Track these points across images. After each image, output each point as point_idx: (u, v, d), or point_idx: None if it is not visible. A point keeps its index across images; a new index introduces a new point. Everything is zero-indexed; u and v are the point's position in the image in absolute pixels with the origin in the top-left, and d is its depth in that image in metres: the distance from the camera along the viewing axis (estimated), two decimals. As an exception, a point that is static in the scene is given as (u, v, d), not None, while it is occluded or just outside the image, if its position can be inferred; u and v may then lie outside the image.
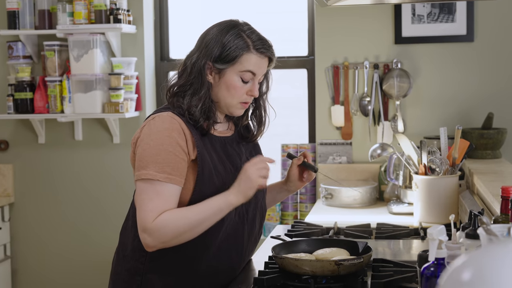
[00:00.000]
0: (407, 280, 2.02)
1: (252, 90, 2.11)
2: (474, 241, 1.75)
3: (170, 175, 1.98)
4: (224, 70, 2.08)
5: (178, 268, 2.09)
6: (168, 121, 2.03)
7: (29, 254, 4.29)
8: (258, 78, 2.12)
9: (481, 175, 2.98)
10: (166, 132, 2.01)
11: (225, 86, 2.09)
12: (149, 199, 1.96)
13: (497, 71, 3.74)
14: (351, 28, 3.85)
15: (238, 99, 2.11)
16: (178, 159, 1.99)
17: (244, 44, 2.08)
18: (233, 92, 2.09)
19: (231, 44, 2.07)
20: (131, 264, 2.11)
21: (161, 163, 1.98)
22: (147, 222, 1.95)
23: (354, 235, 2.66)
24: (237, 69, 2.08)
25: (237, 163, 2.15)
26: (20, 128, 4.25)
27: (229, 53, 2.07)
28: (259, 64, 2.10)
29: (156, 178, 1.97)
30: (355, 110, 3.85)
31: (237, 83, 2.09)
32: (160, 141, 2.00)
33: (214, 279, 2.12)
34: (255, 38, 2.10)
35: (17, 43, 4.07)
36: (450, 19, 3.74)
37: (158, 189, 1.97)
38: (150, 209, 1.95)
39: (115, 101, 3.93)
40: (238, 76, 2.09)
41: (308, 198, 3.94)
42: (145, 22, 4.12)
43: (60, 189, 4.23)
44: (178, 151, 2.00)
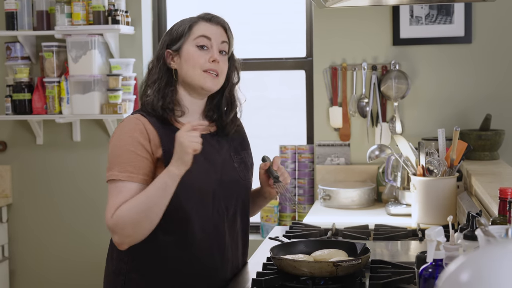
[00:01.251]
0: (405, 281, 2.02)
1: (212, 56, 2.13)
2: (472, 243, 1.75)
3: (131, 173, 2.03)
4: (181, 48, 2.14)
5: (160, 268, 2.10)
6: (133, 122, 2.09)
7: (27, 255, 4.29)
8: (216, 44, 2.15)
9: (479, 176, 2.98)
10: (129, 133, 2.07)
11: (185, 60, 2.14)
12: (111, 198, 2.03)
13: (495, 73, 3.75)
14: (349, 29, 3.86)
15: (200, 67, 2.13)
16: (139, 158, 2.04)
17: (190, 19, 2.18)
18: (192, 62, 2.13)
19: (178, 24, 2.18)
20: (116, 264, 2.15)
21: (124, 163, 2.04)
22: (107, 220, 2.01)
23: (352, 236, 2.66)
24: (191, 39, 2.14)
25: (214, 159, 2.13)
26: (18, 129, 4.24)
27: (178, 31, 2.15)
28: (211, 30, 2.16)
29: (118, 178, 2.03)
30: (353, 112, 3.85)
31: (194, 52, 2.13)
32: (123, 142, 2.06)
33: (196, 278, 2.11)
34: (201, 14, 2.19)
35: (15, 44, 4.07)
36: (448, 20, 3.74)
37: (120, 188, 2.03)
38: (110, 206, 2.01)
39: (113, 102, 3.93)
40: (193, 46, 2.14)
41: (306, 199, 3.94)
42: (144, 23, 4.12)
43: (58, 190, 4.23)
44: (139, 149, 2.05)
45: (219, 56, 2.15)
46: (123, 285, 2.12)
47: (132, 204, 1.99)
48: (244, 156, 2.26)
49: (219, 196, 2.13)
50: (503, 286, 0.87)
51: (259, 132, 4.30)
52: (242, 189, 2.21)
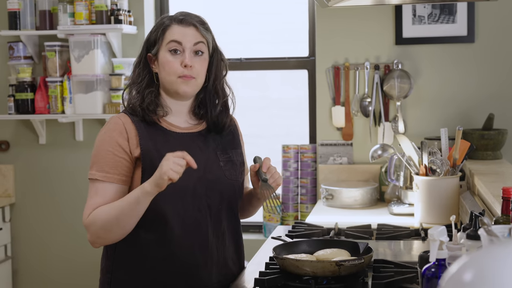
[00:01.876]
0: (407, 281, 2.02)
1: (183, 61, 2.13)
2: (475, 242, 1.75)
3: (107, 173, 2.08)
4: (158, 52, 2.16)
5: (142, 265, 2.11)
6: (113, 122, 2.13)
7: (29, 255, 4.29)
8: (188, 47, 2.14)
9: (481, 176, 2.98)
10: (108, 132, 2.11)
11: (161, 65, 2.16)
12: (89, 198, 2.09)
13: (497, 72, 3.74)
14: (351, 28, 3.85)
15: (174, 73, 2.13)
16: (116, 158, 2.08)
17: (162, 23, 2.18)
18: (167, 68, 2.14)
19: (155, 28, 2.19)
20: (104, 263, 2.19)
21: (101, 163, 2.09)
22: (83, 219, 2.08)
23: (354, 236, 2.66)
24: (164, 44, 2.15)
25: (197, 157, 2.04)
26: (21, 129, 4.25)
27: (154, 35, 2.17)
28: (181, 33, 2.15)
29: (95, 177, 2.09)
30: (356, 111, 3.85)
31: (168, 58, 2.14)
32: (102, 142, 2.12)
33: (178, 275, 2.10)
34: (176, 15, 2.19)
35: (18, 44, 4.07)
36: (451, 20, 3.74)
37: (97, 187, 2.09)
38: (87, 206, 2.08)
39: (115, 102, 3.93)
40: (167, 51, 2.15)
41: (309, 199, 3.94)
42: (146, 23, 4.12)
43: (61, 190, 4.23)
44: (117, 150, 2.09)
45: (192, 58, 2.14)
46: (110, 283, 2.15)
47: (106, 210, 2.04)
48: (232, 155, 2.23)
49: (200, 193, 2.11)
50: (507, 286, 0.87)
51: (261, 131, 4.30)
52: (227, 187, 2.18)
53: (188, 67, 2.12)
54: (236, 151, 2.26)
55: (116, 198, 2.07)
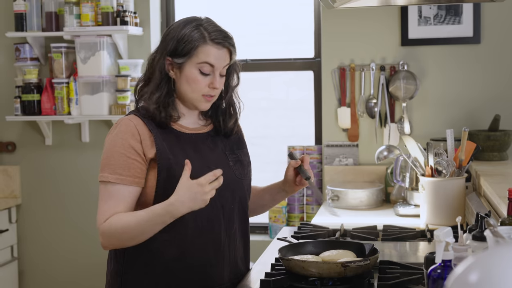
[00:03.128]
0: (413, 282, 2.02)
1: (213, 83, 2.11)
2: (481, 243, 1.75)
3: (121, 175, 2.05)
4: (183, 64, 2.10)
5: (154, 266, 2.11)
6: (124, 124, 2.10)
7: (36, 255, 4.30)
8: (218, 70, 2.12)
9: (487, 177, 2.98)
10: (120, 134, 2.09)
11: (186, 80, 2.11)
12: (103, 201, 2.07)
13: (503, 73, 3.74)
14: (357, 30, 3.85)
15: (199, 92, 2.12)
16: (129, 160, 2.06)
17: (199, 36, 2.09)
18: (193, 86, 2.11)
19: (187, 37, 2.09)
20: (113, 265, 2.17)
21: (113, 165, 2.07)
22: (98, 223, 2.05)
23: (360, 237, 2.66)
24: (195, 62, 2.09)
25: (208, 157, 2.13)
26: (27, 130, 4.26)
27: (185, 46, 2.09)
28: (216, 56, 2.11)
29: (108, 179, 2.07)
30: (362, 112, 3.85)
31: (196, 76, 2.10)
32: (114, 144, 2.09)
33: (191, 276, 2.11)
34: (212, 30, 2.11)
35: (25, 45, 4.08)
36: (457, 21, 3.73)
37: (110, 190, 2.07)
38: (102, 211, 2.06)
39: (121, 103, 3.94)
40: (196, 69, 2.10)
41: (315, 200, 3.94)
42: (152, 24, 4.13)
43: (67, 191, 4.24)
44: (130, 152, 2.06)
45: (219, 80, 2.14)
46: (121, 286, 2.13)
47: (125, 222, 2.01)
48: (239, 155, 2.25)
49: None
50: (512, 287, 0.87)
51: (267, 132, 4.30)
52: (238, 186, 2.20)
53: (215, 88, 2.13)
54: (243, 151, 2.28)
55: (130, 200, 2.06)
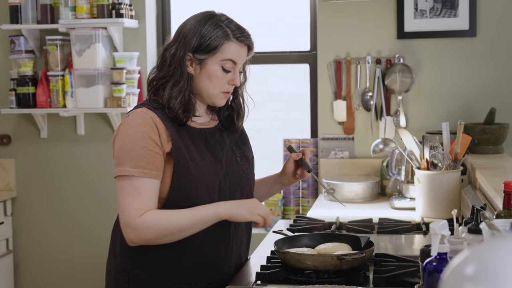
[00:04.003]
0: (409, 275, 2.02)
1: (233, 79, 2.13)
2: (476, 236, 1.75)
3: (145, 169, 2.01)
4: (205, 60, 2.10)
5: (163, 263, 2.10)
6: (140, 117, 2.06)
7: (31, 248, 4.30)
8: (238, 67, 2.14)
9: (483, 170, 2.98)
10: (138, 127, 2.04)
11: (207, 76, 2.11)
12: (130, 196, 2.00)
13: (499, 66, 3.74)
14: (353, 23, 3.85)
15: (220, 88, 2.13)
16: (151, 153, 2.02)
17: (223, 33, 2.10)
18: (215, 82, 2.11)
19: (210, 34, 2.09)
20: (119, 260, 2.14)
21: (135, 159, 2.01)
22: (131, 218, 1.98)
23: (356, 230, 2.66)
24: (218, 58, 2.10)
25: (219, 154, 2.16)
26: (23, 123, 4.25)
27: (210, 43, 2.09)
28: (239, 53, 2.12)
29: (131, 174, 2.00)
30: (357, 105, 3.85)
31: (218, 73, 2.11)
32: (133, 137, 2.03)
33: (200, 271, 2.12)
34: (234, 28, 2.12)
35: (20, 38, 4.07)
36: (453, 14, 3.73)
37: (135, 184, 2.00)
38: (135, 206, 1.99)
39: (117, 96, 3.93)
40: (219, 66, 2.10)
41: (310, 193, 3.94)
42: (147, 17, 4.11)
43: (62, 184, 4.23)
44: (151, 145, 2.03)
45: (238, 77, 2.16)
46: (128, 282, 2.12)
47: (165, 220, 2.00)
48: (245, 150, 2.27)
49: (224, 190, 2.14)
50: (508, 279, 0.87)
51: (263, 125, 4.30)
52: (245, 182, 2.22)
53: (234, 85, 2.15)
54: (247, 146, 2.30)
55: (156, 194, 2.03)
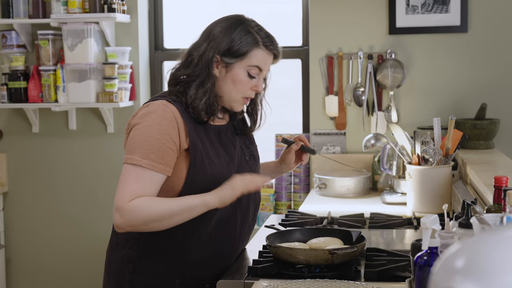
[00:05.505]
0: (400, 269, 2.03)
1: (257, 86, 2.15)
2: (467, 230, 1.76)
3: (153, 162, 2.00)
4: (232, 65, 2.10)
5: (169, 256, 2.11)
6: (161, 109, 2.04)
7: (23, 243, 4.30)
8: (263, 74, 2.16)
9: (474, 165, 2.99)
10: (157, 120, 2.03)
11: (232, 80, 2.11)
12: (129, 182, 1.99)
13: (490, 62, 3.75)
14: (345, 18, 3.85)
15: (242, 93, 2.14)
16: (164, 148, 2.01)
17: (253, 40, 2.11)
18: (239, 87, 2.12)
19: (241, 39, 2.10)
20: (124, 252, 2.14)
21: (147, 150, 2.00)
22: (122, 202, 1.97)
23: (347, 225, 2.67)
24: (246, 64, 2.11)
25: (231, 152, 2.18)
26: (14, 117, 4.24)
27: (239, 48, 2.09)
28: (266, 60, 2.14)
29: (139, 163, 1.99)
30: (349, 100, 3.86)
31: (243, 78, 2.11)
32: (150, 128, 2.02)
33: (206, 266, 2.13)
34: (264, 35, 2.14)
35: (11, 32, 4.06)
36: (444, 9, 3.74)
37: (140, 173, 1.99)
38: (128, 190, 1.98)
39: (109, 91, 3.92)
40: (245, 71, 2.11)
41: (302, 188, 3.95)
42: (140, 12, 4.11)
43: (54, 178, 4.23)
44: (166, 139, 2.02)
45: (261, 83, 2.17)
46: (132, 273, 2.12)
47: (153, 203, 1.98)
48: (252, 149, 2.29)
49: None
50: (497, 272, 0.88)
51: (255, 120, 4.29)
52: None
53: (257, 92, 2.16)
54: (254, 145, 2.32)
55: (157, 187, 2.02)
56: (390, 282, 1.98)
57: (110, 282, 2.18)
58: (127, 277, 2.12)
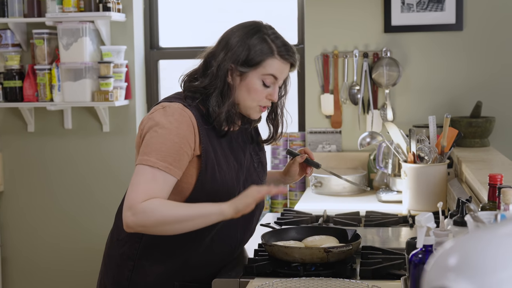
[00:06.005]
0: (395, 267, 2.04)
1: (272, 94, 2.11)
2: (461, 228, 1.76)
3: (170, 165, 1.98)
4: (247, 73, 2.07)
5: (170, 258, 2.11)
6: (179, 113, 2.02)
7: (19, 242, 4.29)
8: (279, 83, 2.13)
9: (469, 163, 3.00)
10: (176, 123, 2.01)
11: (246, 88, 2.09)
12: (143, 182, 1.96)
13: (485, 60, 3.76)
14: (340, 16, 3.86)
15: (258, 102, 2.11)
16: (181, 152, 2.00)
17: (269, 49, 2.08)
18: (253, 95, 2.09)
19: (255, 48, 2.07)
20: (124, 248, 2.13)
21: (164, 152, 1.98)
22: (135, 201, 1.94)
23: (343, 223, 2.67)
24: (260, 73, 2.08)
25: (241, 159, 2.16)
26: (9, 117, 4.24)
27: (254, 57, 2.07)
28: (281, 69, 2.11)
29: (156, 165, 1.97)
30: (345, 99, 3.86)
31: (258, 87, 2.09)
32: (168, 131, 1.99)
33: (205, 270, 2.14)
34: (280, 44, 2.11)
35: (6, 31, 4.05)
36: (439, 8, 3.75)
37: (155, 175, 1.97)
38: (143, 190, 1.95)
39: (104, 90, 3.92)
40: (260, 80, 2.09)
41: (298, 187, 3.95)
42: (135, 10, 4.10)
43: (50, 177, 4.23)
44: (183, 143, 2.00)
45: (277, 92, 2.14)
46: (132, 271, 2.12)
47: (168, 206, 1.96)
48: (261, 156, 2.28)
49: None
50: (489, 270, 0.88)
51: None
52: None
53: (272, 100, 2.14)
54: (263, 152, 2.31)
55: (170, 191, 2.00)
56: (385, 280, 1.98)
57: (108, 276, 2.18)
58: (126, 274, 2.12)
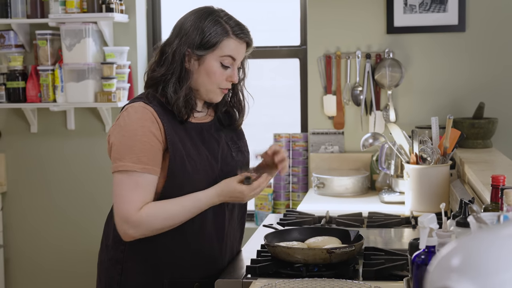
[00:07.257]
0: (398, 268, 2.04)
1: (232, 76, 2.13)
2: (464, 229, 1.76)
3: (146, 165, 2.00)
4: (204, 57, 2.09)
5: (158, 257, 2.10)
6: (141, 111, 2.04)
7: (22, 243, 4.30)
8: (237, 63, 2.14)
9: (471, 164, 3.00)
10: (139, 122, 2.02)
11: (205, 72, 2.10)
12: (129, 190, 1.99)
13: (488, 61, 3.76)
14: (343, 17, 3.86)
15: (218, 85, 2.12)
16: (153, 149, 2.01)
17: (223, 30, 2.10)
18: (213, 78, 2.11)
19: (210, 30, 2.09)
20: (112, 253, 2.14)
21: (137, 154, 2.00)
22: (129, 213, 1.97)
23: (345, 224, 2.67)
24: (217, 55, 2.09)
25: (214, 149, 2.15)
26: (12, 117, 4.24)
27: (209, 39, 2.08)
28: (238, 49, 2.12)
29: (133, 169, 1.99)
30: (347, 100, 3.86)
31: (217, 69, 2.10)
32: (134, 132, 2.01)
33: (194, 266, 2.13)
34: (233, 24, 2.13)
35: (9, 32, 4.06)
36: (442, 9, 3.75)
37: (137, 180, 1.99)
38: (133, 200, 1.98)
39: (107, 90, 3.93)
40: (218, 62, 2.10)
41: (300, 187, 3.95)
42: (138, 11, 4.11)
43: (53, 178, 4.23)
44: (152, 140, 2.01)
45: (236, 74, 2.16)
46: (121, 274, 2.12)
47: (163, 210, 2.00)
48: (240, 145, 2.27)
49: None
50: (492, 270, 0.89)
51: (253, 120, 4.28)
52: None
53: (232, 82, 2.15)
54: (243, 141, 2.30)
55: (153, 189, 2.03)
56: (388, 281, 1.98)
57: (101, 283, 2.19)
58: (116, 278, 2.13)
